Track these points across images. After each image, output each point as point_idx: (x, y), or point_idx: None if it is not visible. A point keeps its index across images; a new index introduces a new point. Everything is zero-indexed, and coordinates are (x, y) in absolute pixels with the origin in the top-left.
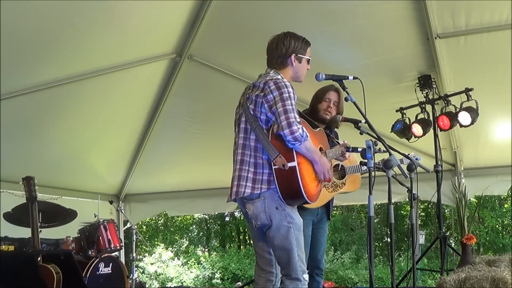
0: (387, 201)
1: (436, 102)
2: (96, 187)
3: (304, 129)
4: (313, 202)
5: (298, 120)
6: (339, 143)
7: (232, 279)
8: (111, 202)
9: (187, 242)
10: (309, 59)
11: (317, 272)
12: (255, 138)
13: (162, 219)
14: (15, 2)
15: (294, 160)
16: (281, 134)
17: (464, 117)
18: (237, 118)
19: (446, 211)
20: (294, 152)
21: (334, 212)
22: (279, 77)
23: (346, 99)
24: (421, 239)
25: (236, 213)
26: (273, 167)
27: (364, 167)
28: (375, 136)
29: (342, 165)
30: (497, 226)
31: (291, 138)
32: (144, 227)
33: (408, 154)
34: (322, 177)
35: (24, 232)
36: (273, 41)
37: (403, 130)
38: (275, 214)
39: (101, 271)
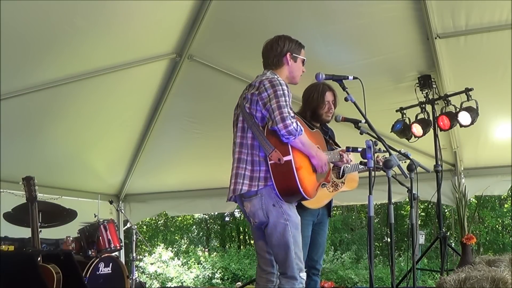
0: (387, 201)
1: (436, 102)
2: (96, 187)
3: (299, 124)
4: (311, 198)
5: (292, 115)
6: (335, 143)
7: (232, 279)
8: (111, 202)
9: (187, 242)
10: (304, 60)
11: (314, 272)
12: (251, 136)
13: (162, 219)
14: (15, 2)
15: (289, 154)
16: (275, 129)
17: (464, 117)
18: (235, 119)
19: (446, 211)
20: (290, 147)
21: (334, 212)
22: (275, 76)
23: (346, 99)
24: (421, 239)
25: (236, 213)
26: (269, 162)
27: (362, 166)
28: (375, 136)
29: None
30: (497, 226)
31: (285, 132)
32: (144, 227)
33: (400, 151)
34: (320, 171)
35: (24, 232)
36: (268, 43)
37: (403, 130)
38: (272, 211)
39: (101, 271)
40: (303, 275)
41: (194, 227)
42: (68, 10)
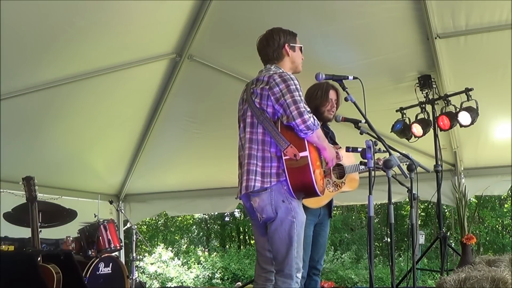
0: (387, 201)
1: (436, 102)
2: (96, 187)
3: (315, 118)
4: (322, 194)
5: (308, 109)
6: (335, 144)
7: (232, 279)
8: (111, 202)
9: (187, 242)
10: (301, 47)
11: (314, 272)
12: (262, 131)
13: (162, 219)
14: (15, 2)
15: (306, 150)
16: (292, 125)
17: (464, 117)
18: (241, 115)
19: (446, 211)
20: (306, 142)
21: (334, 212)
22: (282, 71)
23: (346, 99)
24: (421, 239)
25: (236, 213)
26: (284, 158)
27: (362, 167)
28: (375, 136)
29: (341, 164)
30: (497, 226)
31: (303, 127)
32: (144, 227)
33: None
34: (331, 164)
35: (24, 232)
36: (262, 40)
37: (403, 130)
38: (281, 207)
39: (101, 271)
40: (299, 275)
41: (194, 227)
42: (67, 10)
